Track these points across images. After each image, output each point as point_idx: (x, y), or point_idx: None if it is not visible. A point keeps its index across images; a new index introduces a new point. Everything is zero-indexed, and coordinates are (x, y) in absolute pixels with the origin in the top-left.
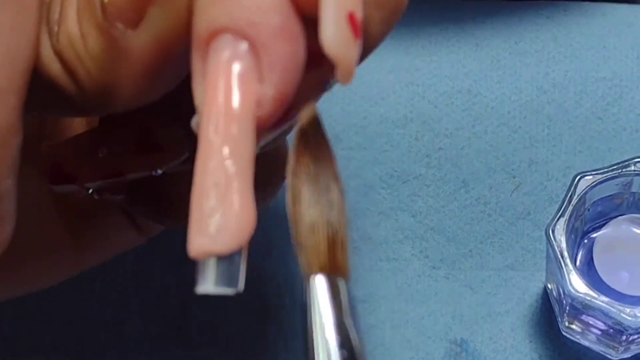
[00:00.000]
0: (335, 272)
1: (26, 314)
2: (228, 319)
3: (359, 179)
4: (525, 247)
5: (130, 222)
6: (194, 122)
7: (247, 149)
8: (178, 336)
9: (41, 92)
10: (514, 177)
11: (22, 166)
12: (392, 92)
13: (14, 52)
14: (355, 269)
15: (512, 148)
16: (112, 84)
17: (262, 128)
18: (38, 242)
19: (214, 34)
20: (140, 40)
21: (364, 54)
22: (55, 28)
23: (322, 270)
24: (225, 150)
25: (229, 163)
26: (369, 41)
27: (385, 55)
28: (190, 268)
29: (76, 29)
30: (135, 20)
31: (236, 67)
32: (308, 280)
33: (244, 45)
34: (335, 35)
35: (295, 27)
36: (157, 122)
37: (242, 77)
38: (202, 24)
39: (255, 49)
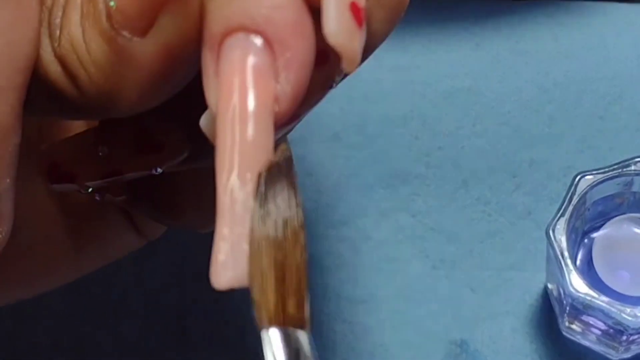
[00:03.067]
0: (290, 323)
1: (26, 314)
2: (228, 319)
3: (359, 178)
4: (526, 247)
5: (130, 224)
6: (203, 122)
7: (266, 149)
8: (178, 336)
9: (41, 95)
10: (515, 177)
11: (22, 167)
12: (392, 91)
13: (14, 50)
14: (355, 269)
15: (513, 147)
16: (116, 90)
17: (278, 125)
18: (37, 245)
19: (229, 32)
20: (148, 48)
21: (366, 52)
22: (57, 31)
23: (272, 322)
24: (242, 155)
25: (245, 169)
26: (371, 39)
27: (385, 54)
28: (189, 268)
29: (79, 34)
30: (144, 29)
31: (253, 64)
32: (260, 334)
33: (259, 42)
34: (338, 25)
35: (308, 23)
36: (156, 122)
37: (260, 73)
38: (216, 23)
39: (271, 46)
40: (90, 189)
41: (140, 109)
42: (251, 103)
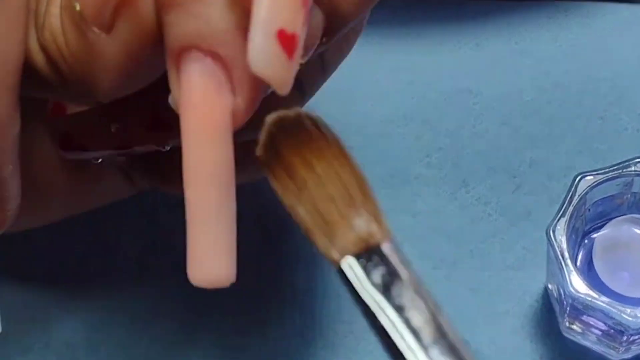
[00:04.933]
0: (365, 245)
1: (21, 313)
2: (228, 317)
3: None
4: (526, 248)
5: (126, 176)
6: (170, 100)
7: (229, 169)
8: (178, 336)
9: (31, 83)
10: (515, 177)
11: (33, 123)
12: (392, 91)
13: (6, 56)
14: None
15: (513, 148)
16: (90, 79)
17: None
18: (36, 185)
19: (185, 49)
20: (112, 46)
21: (336, 33)
22: (41, 21)
23: (346, 252)
24: (209, 181)
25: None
26: (340, 20)
27: (386, 55)
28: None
29: (58, 24)
30: (108, 28)
31: (209, 82)
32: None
33: (212, 61)
34: (260, 54)
35: None
36: (166, 102)
37: (215, 91)
38: (173, 40)
39: (225, 65)
40: (100, 160)
41: (115, 96)
42: (210, 123)
